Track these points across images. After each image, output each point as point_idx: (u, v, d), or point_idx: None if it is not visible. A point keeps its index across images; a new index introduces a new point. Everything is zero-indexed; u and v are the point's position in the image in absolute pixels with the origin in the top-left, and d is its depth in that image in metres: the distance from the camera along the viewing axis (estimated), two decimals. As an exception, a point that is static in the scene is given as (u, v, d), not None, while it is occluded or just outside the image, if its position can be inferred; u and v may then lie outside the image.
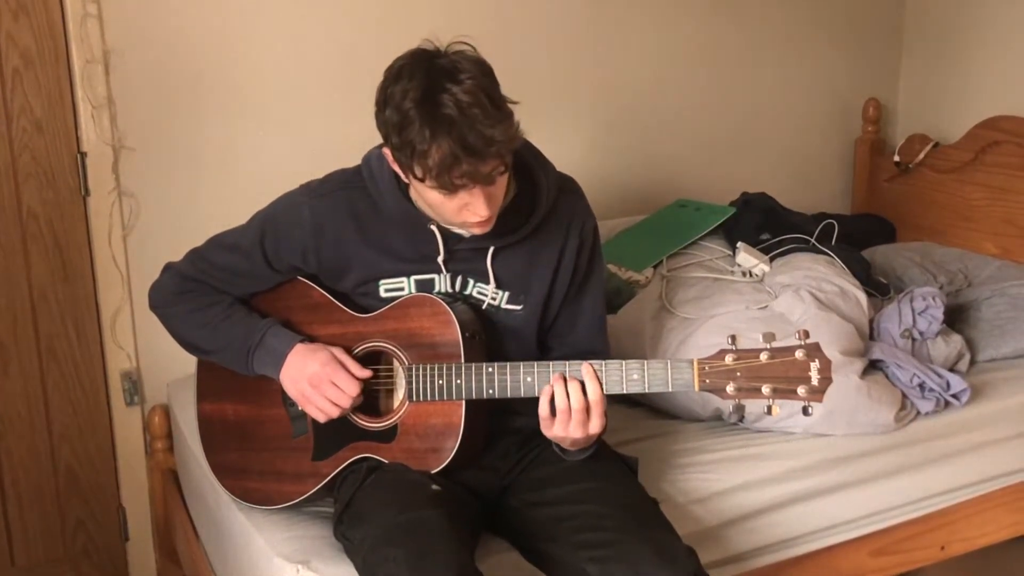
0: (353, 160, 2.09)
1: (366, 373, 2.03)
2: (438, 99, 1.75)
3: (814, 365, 1.80)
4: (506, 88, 1.86)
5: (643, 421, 2.65)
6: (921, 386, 2.66)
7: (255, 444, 2.17)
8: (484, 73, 1.82)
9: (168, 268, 2.20)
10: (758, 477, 2.43)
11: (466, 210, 1.87)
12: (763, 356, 1.81)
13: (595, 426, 1.92)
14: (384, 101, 1.82)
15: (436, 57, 1.82)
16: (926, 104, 3.97)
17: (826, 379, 1.81)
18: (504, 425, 2.13)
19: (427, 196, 1.88)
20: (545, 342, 2.19)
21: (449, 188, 1.81)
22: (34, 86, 2.79)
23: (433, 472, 1.99)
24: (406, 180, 1.90)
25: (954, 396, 2.69)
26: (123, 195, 2.90)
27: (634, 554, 1.87)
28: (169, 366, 2.86)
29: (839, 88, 3.99)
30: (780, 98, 3.89)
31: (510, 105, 1.84)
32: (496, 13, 3.31)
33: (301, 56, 3.06)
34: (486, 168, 1.80)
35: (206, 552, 2.58)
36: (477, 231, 1.94)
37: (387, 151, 1.88)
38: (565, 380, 1.91)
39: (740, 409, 1.87)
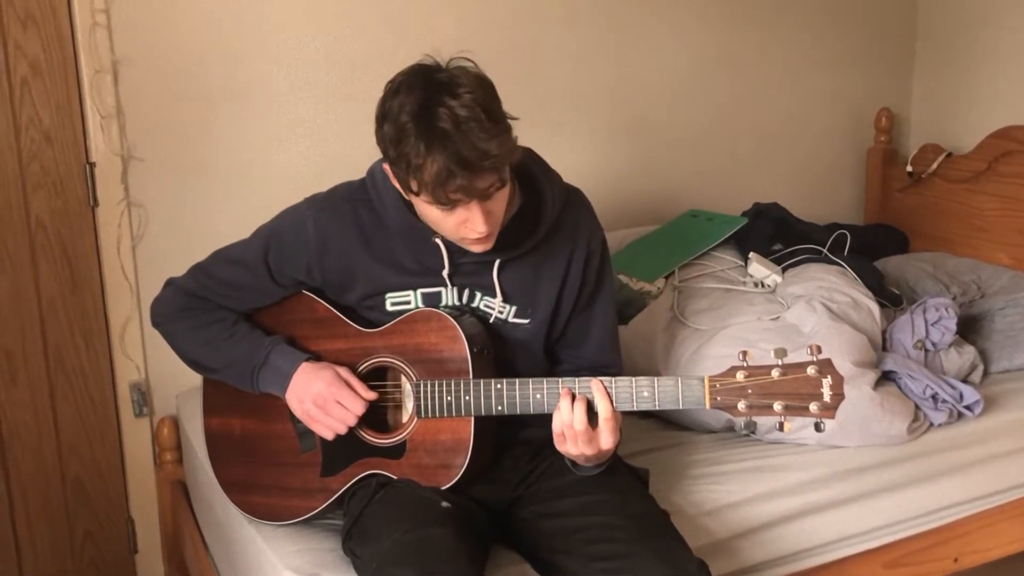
0: (362, 172, 2.08)
1: (371, 395, 2.02)
2: (435, 112, 1.74)
3: (826, 381, 1.78)
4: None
5: (655, 432, 2.64)
6: (934, 397, 2.65)
7: (262, 459, 2.16)
8: (483, 87, 1.80)
9: (170, 283, 2.18)
10: (770, 489, 2.42)
11: (464, 226, 1.85)
12: (775, 373, 1.79)
13: (606, 442, 1.90)
14: (383, 116, 1.81)
15: (435, 72, 1.81)
16: (939, 114, 3.95)
17: (838, 395, 1.78)
18: (514, 436, 2.12)
19: (426, 212, 1.87)
20: (554, 354, 2.17)
21: (444, 203, 1.79)
22: (43, 96, 2.79)
23: (443, 488, 1.98)
24: (406, 196, 1.89)
25: (967, 407, 2.68)
26: (132, 205, 2.90)
27: (645, 566, 1.86)
28: (178, 377, 2.83)
29: (851, 98, 3.97)
30: (792, 108, 3.87)
31: (510, 120, 1.81)
32: (510, 22, 3.30)
33: (311, 66, 3.06)
34: (482, 183, 1.78)
35: (215, 564, 2.58)
36: (477, 248, 1.92)
37: (387, 166, 1.87)
38: (573, 397, 1.89)
39: (752, 425, 1.85)
